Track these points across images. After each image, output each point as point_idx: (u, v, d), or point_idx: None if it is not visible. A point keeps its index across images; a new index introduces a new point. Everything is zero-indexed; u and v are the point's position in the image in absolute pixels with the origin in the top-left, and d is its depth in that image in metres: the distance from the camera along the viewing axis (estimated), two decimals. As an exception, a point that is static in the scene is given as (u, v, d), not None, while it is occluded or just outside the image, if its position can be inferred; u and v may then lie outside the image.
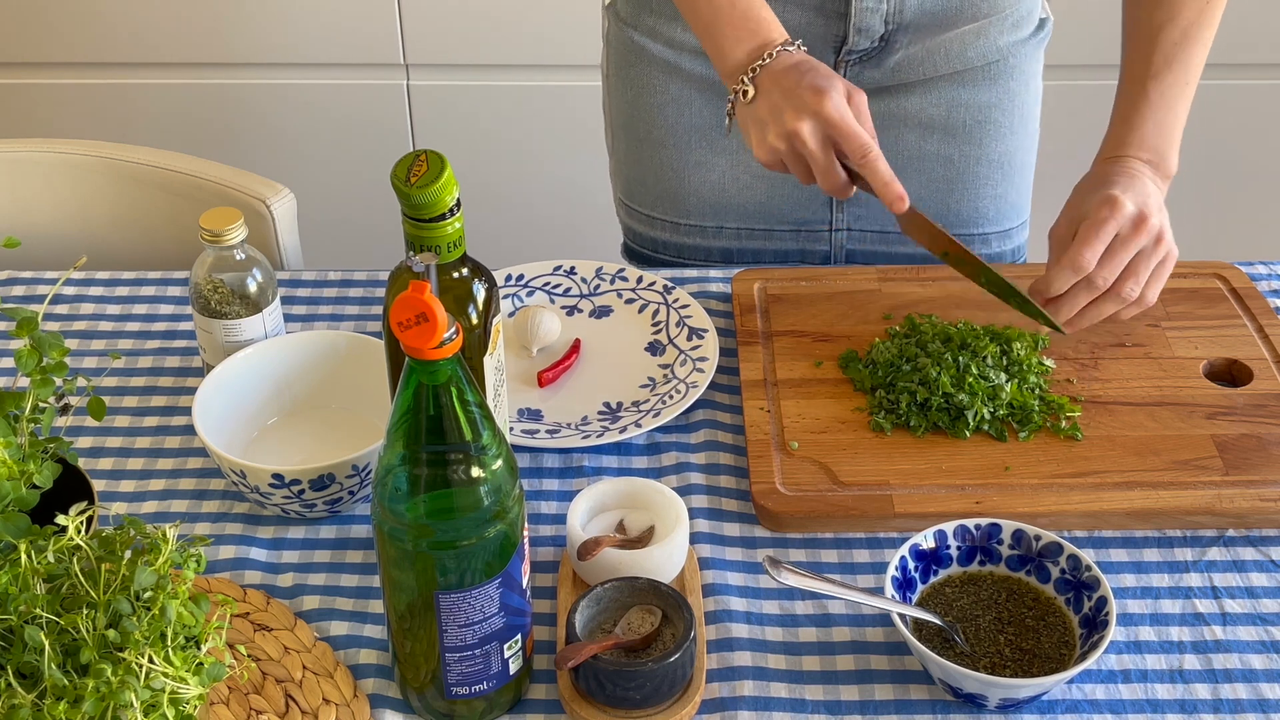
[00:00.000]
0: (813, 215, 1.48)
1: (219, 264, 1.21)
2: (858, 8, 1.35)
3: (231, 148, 2.29)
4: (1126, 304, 1.21)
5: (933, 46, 1.38)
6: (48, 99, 2.28)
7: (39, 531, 0.90)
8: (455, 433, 0.89)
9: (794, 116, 1.19)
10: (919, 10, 1.36)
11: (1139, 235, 1.19)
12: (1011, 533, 1.06)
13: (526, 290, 1.39)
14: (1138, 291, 1.20)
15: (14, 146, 1.56)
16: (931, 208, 1.45)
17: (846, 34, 1.37)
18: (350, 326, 1.36)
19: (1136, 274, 1.20)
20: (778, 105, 1.20)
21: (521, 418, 1.25)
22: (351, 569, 1.11)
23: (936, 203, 1.45)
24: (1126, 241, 1.19)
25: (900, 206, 1.19)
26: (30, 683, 0.84)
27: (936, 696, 1.00)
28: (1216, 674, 1.02)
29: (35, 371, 0.98)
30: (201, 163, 1.54)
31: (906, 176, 1.42)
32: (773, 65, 1.22)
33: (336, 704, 0.99)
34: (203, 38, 2.21)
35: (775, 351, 1.29)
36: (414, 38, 2.21)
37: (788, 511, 1.13)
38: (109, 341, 1.35)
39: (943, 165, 1.45)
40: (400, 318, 0.84)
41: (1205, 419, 1.21)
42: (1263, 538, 1.13)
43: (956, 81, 1.41)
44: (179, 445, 1.23)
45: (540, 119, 2.28)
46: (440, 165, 0.97)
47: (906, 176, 1.42)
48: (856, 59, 1.39)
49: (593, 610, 1.01)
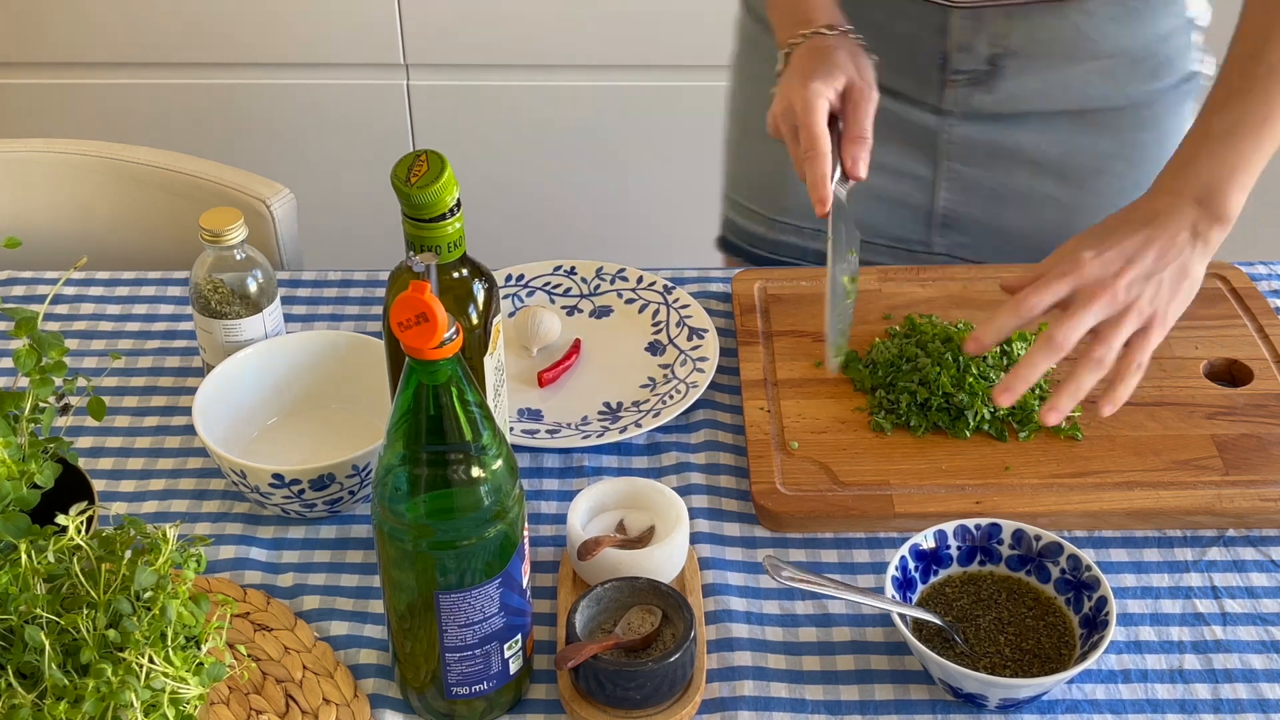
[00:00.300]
0: (911, 235, 1.46)
1: (219, 264, 1.21)
2: (956, 25, 1.32)
3: (231, 148, 2.29)
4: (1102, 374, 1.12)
5: (1051, 81, 1.34)
6: (48, 99, 2.28)
7: (39, 531, 0.90)
8: (455, 433, 0.89)
9: (781, 98, 1.21)
10: (1028, 38, 1.31)
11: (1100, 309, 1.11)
12: (1011, 533, 1.06)
13: (526, 290, 1.39)
14: (1110, 360, 1.12)
15: (14, 146, 1.56)
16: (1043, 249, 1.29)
17: (948, 51, 1.34)
18: (350, 326, 1.36)
19: (1105, 346, 1.12)
20: (784, 83, 1.22)
21: (521, 418, 1.25)
22: (351, 569, 1.11)
23: (1047, 245, 1.26)
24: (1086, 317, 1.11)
25: (818, 210, 1.17)
26: (30, 683, 0.84)
27: (936, 696, 1.00)
28: (1216, 674, 1.02)
29: (35, 371, 0.98)
30: (201, 163, 1.53)
31: (1016, 213, 1.40)
32: (803, 45, 1.24)
33: (336, 704, 0.99)
34: (203, 38, 2.21)
35: (775, 351, 1.29)
36: (414, 38, 2.21)
37: (788, 511, 1.13)
38: (109, 341, 1.35)
39: (1055, 208, 1.40)
40: (400, 318, 0.84)
41: (1205, 419, 1.21)
42: (1263, 538, 1.13)
43: (1077, 122, 1.36)
44: (179, 445, 1.23)
45: (540, 119, 2.28)
46: (440, 165, 0.97)
47: (1016, 213, 1.40)
48: (965, 80, 1.35)
49: (593, 610, 1.01)
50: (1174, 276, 1.14)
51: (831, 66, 1.21)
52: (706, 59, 2.19)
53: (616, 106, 2.25)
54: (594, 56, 2.21)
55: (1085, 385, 1.11)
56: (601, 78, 2.23)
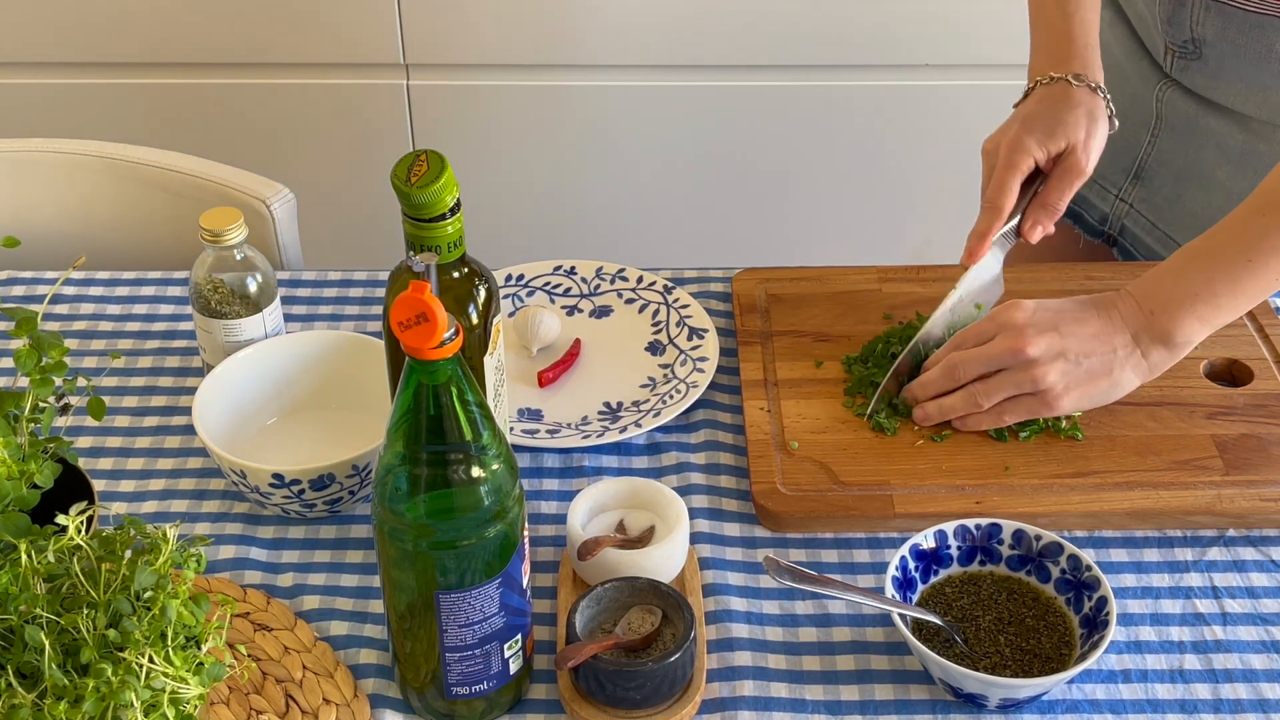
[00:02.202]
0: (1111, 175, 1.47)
1: (219, 264, 1.21)
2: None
3: (231, 148, 2.29)
4: (974, 411, 1.17)
5: (1244, 80, 1.32)
6: (48, 99, 2.28)
7: (39, 531, 0.90)
8: (455, 433, 0.89)
9: (994, 136, 1.27)
10: (1220, 33, 1.31)
11: (1005, 355, 1.14)
12: (1012, 533, 1.06)
13: (526, 290, 1.39)
14: (985, 403, 1.16)
15: (14, 146, 1.56)
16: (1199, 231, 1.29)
17: (1159, 20, 1.36)
18: (350, 326, 1.36)
19: (990, 386, 1.16)
20: (1011, 118, 1.28)
21: (521, 418, 1.25)
22: (351, 569, 1.11)
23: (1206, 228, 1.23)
24: (991, 352, 1.15)
25: (963, 259, 1.24)
26: (30, 683, 0.84)
27: (936, 696, 1.00)
28: (1217, 674, 1.02)
29: (35, 371, 0.97)
30: (201, 163, 1.53)
31: (1193, 191, 1.41)
32: (1049, 86, 1.28)
33: (336, 704, 0.99)
34: (203, 38, 2.21)
35: (775, 351, 1.29)
36: (414, 38, 2.20)
37: (788, 511, 1.13)
38: (109, 341, 1.35)
39: (1224, 197, 1.38)
40: (400, 318, 0.84)
41: (1205, 419, 1.21)
42: (1263, 538, 1.13)
43: (1264, 129, 1.34)
44: (179, 445, 1.23)
45: (540, 119, 2.27)
46: (440, 165, 0.97)
47: (1193, 191, 1.41)
48: (1180, 52, 1.35)
49: (593, 610, 1.01)
50: (1092, 370, 1.15)
51: (1058, 126, 1.24)
52: (707, 59, 2.20)
53: (616, 106, 2.24)
54: (593, 56, 2.21)
55: (954, 412, 1.18)
56: (601, 78, 2.23)
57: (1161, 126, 1.42)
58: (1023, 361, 1.14)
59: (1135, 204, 1.47)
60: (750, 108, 2.24)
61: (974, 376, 1.17)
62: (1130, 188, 1.46)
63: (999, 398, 1.16)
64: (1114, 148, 1.40)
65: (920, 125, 2.24)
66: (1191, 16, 1.32)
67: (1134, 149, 1.45)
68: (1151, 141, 1.43)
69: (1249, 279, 1.11)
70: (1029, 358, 1.14)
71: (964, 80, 2.20)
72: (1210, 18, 1.31)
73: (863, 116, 2.24)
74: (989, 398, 1.16)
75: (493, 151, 2.31)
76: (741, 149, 2.28)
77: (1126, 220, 1.48)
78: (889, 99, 2.23)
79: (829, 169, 2.29)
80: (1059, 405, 1.16)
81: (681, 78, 2.23)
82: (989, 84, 2.18)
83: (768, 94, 2.23)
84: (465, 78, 2.25)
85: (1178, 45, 1.35)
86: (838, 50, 2.18)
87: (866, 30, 2.16)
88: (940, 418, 1.19)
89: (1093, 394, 1.16)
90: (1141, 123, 1.44)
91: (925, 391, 1.19)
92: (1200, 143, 1.40)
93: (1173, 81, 1.40)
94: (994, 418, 1.18)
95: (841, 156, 2.28)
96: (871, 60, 2.19)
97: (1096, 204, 1.50)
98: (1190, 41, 1.34)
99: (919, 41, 2.17)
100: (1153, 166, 1.44)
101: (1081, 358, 1.14)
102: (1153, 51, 1.41)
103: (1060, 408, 1.16)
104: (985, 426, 1.18)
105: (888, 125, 2.25)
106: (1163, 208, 1.45)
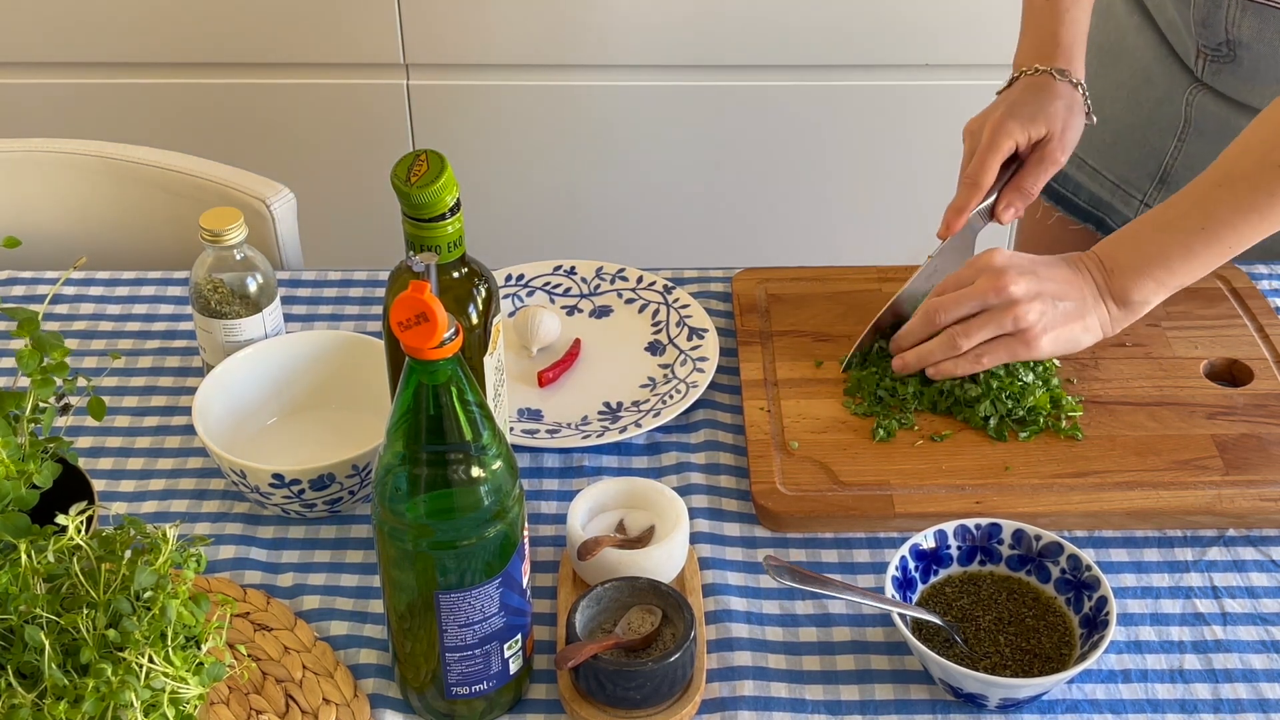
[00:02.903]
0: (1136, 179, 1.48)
1: (219, 264, 1.21)
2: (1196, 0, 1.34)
3: (231, 148, 2.29)
4: (953, 354, 1.19)
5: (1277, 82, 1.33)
6: (48, 99, 2.28)
7: (39, 531, 0.90)
8: (455, 433, 0.89)
9: (978, 118, 1.30)
10: (1257, 35, 1.31)
11: (988, 294, 1.17)
12: (1012, 533, 1.06)
13: (526, 290, 1.39)
14: (965, 344, 1.18)
15: (14, 146, 1.56)
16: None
17: (1192, 24, 1.36)
18: (350, 326, 1.36)
19: (970, 327, 1.18)
20: (995, 103, 1.31)
21: (521, 418, 1.25)
22: (351, 569, 1.11)
23: None
24: (973, 292, 1.17)
25: (939, 231, 1.26)
26: (30, 683, 0.84)
27: (936, 696, 1.00)
28: (1217, 674, 1.02)
29: (35, 371, 0.97)
30: (201, 163, 1.53)
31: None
32: (1033, 78, 1.31)
33: (336, 704, 0.99)
34: (203, 38, 2.21)
35: (775, 351, 1.29)
36: (414, 38, 2.20)
37: (788, 511, 1.13)
38: (109, 341, 1.35)
39: None
40: (400, 318, 0.84)
41: (1205, 419, 1.21)
42: (1263, 538, 1.13)
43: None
44: (179, 445, 1.23)
45: (541, 119, 2.28)
46: (440, 165, 0.97)
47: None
48: (1212, 56, 1.36)
49: (593, 610, 1.01)
50: (1068, 313, 1.18)
51: (1040, 113, 1.26)
52: (708, 59, 2.20)
53: (617, 106, 2.24)
54: (594, 56, 2.21)
55: (932, 358, 1.20)
56: (602, 78, 2.23)
57: (1190, 130, 1.43)
58: (1005, 300, 1.17)
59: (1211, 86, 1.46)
60: (750, 108, 2.24)
61: (954, 319, 1.19)
62: (1156, 192, 1.47)
63: (979, 338, 1.18)
64: (1138, 153, 1.42)
65: (920, 125, 2.24)
66: (1227, 18, 1.32)
67: (1159, 154, 1.46)
68: (1179, 146, 1.44)
69: (1202, 247, 1.16)
70: (1011, 296, 1.16)
71: (964, 80, 2.20)
72: (1247, 19, 1.31)
73: (863, 116, 2.24)
74: (969, 338, 1.18)
75: (493, 151, 2.31)
76: (741, 149, 2.28)
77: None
78: (889, 99, 2.23)
79: (829, 169, 2.29)
80: (1037, 346, 1.18)
81: (682, 78, 2.23)
82: (989, 84, 2.17)
83: (768, 94, 2.23)
84: (465, 78, 2.25)
85: (1211, 48, 1.35)
86: (837, 50, 2.18)
87: (866, 30, 2.16)
88: (919, 364, 1.21)
89: (1067, 337, 1.18)
90: (1167, 127, 1.44)
91: (906, 341, 1.22)
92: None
93: (1204, 85, 1.40)
94: (972, 361, 1.19)
95: (841, 156, 2.28)
96: (871, 60, 2.19)
97: (1120, 209, 1.51)
98: (1225, 44, 1.34)
99: (919, 41, 2.18)
100: (1179, 170, 1.45)
101: (1057, 300, 1.18)
102: (1183, 56, 1.41)
103: (1038, 348, 1.18)
104: (962, 372, 1.19)
105: (888, 125, 2.25)
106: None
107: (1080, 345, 1.20)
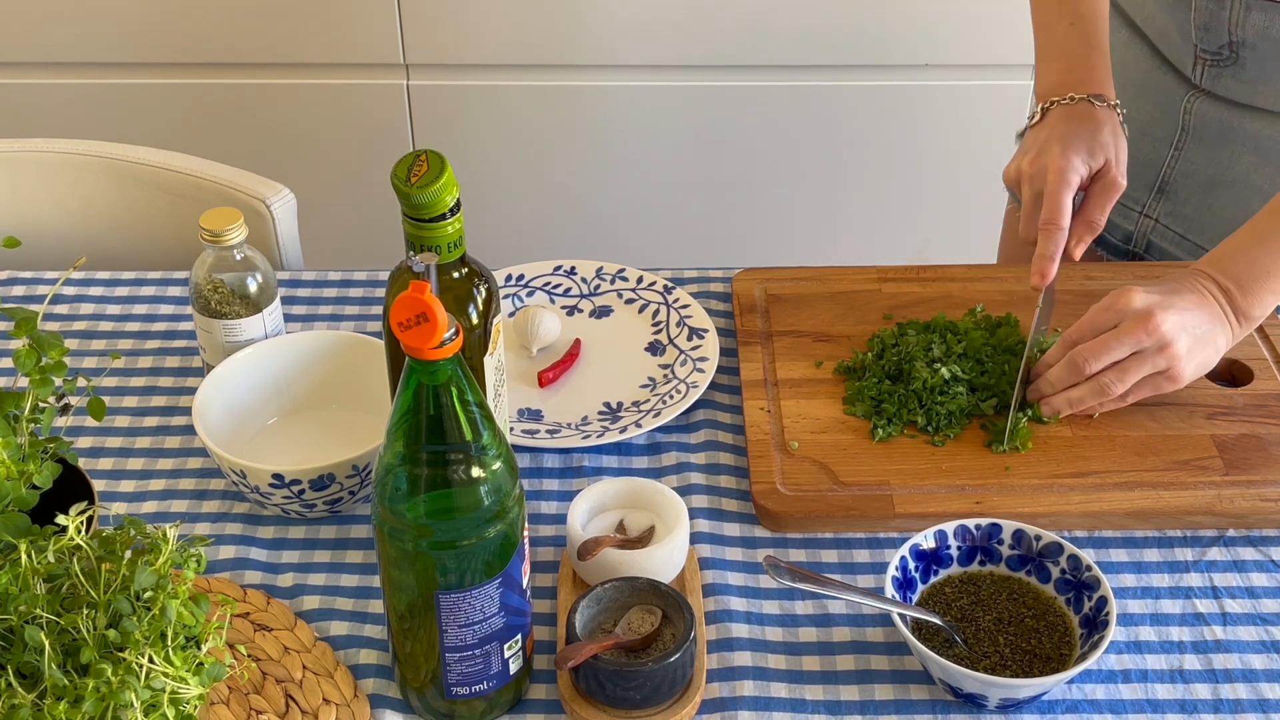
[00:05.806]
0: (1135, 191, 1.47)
1: (219, 264, 1.21)
2: (1200, 3, 1.33)
3: (231, 148, 2.29)
4: (1104, 398, 1.18)
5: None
6: (48, 99, 2.28)
7: (39, 531, 0.90)
8: (455, 433, 0.89)
9: (1036, 159, 1.26)
10: (1262, 34, 1.31)
11: (1140, 337, 1.15)
12: (1011, 533, 1.06)
13: (526, 290, 1.39)
14: (1118, 388, 1.17)
15: (14, 146, 1.56)
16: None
17: (1193, 28, 1.35)
18: (350, 326, 1.36)
19: (1124, 371, 1.17)
20: (1043, 141, 1.27)
21: (521, 418, 1.25)
22: (351, 569, 1.11)
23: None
24: (1122, 336, 1.16)
25: (1035, 281, 1.23)
26: (30, 683, 0.84)
27: (936, 696, 1.00)
28: (1216, 674, 1.02)
29: (35, 371, 0.97)
30: (201, 163, 1.53)
31: (1226, 198, 1.41)
32: (1069, 107, 1.29)
33: (336, 704, 0.99)
34: (203, 38, 2.21)
35: (775, 351, 1.29)
36: (414, 38, 2.20)
37: (788, 511, 1.13)
38: (109, 341, 1.35)
39: (1261, 200, 1.37)
40: (400, 318, 0.84)
41: (1205, 419, 1.21)
42: (1263, 538, 1.13)
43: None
44: (179, 445, 1.23)
45: (540, 119, 2.28)
46: (440, 165, 0.97)
47: (1226, 198, 1.41)
48: (1212, 61, 1.36)
49: (593, 610, 1.01)
50: (1204, 338, 1.17)
51: (1095, 144, 1.25)
52: (708, 59, 2.20)
53: (617, 106, 2.24)
54: (594, 56, 2.21)
55: (1083, 404, 1.19)
56: (602, 78, 2.23)
57: (1188, 138, 1.42)
58: (1158, 342, 1.15)
59: (1161, 218, 1.47)
60: (750, 108, 2.24)
61: (1104, 365, 1.17)
62: (1154, 203, 1.47)
63: (1134, 380, 1.17)
64: (1133, 165, 1.42)
65: (920, 125, 2.24)
66: (1231, 19, 1.32)
67: (1155, 164, 1.46)
68: (1175, 155, 1.44)
69: None
70: (1165, 338, 1.15)
71: (964, 80, 2.20)
72: (1252, 18, 1.31)
73: (863, 116, 2.24)
74: (1123, 382, 1.17)
75: (493, 151, 2.31)
76: (742, 149, 2.28)
77: (1153, 235, 1.48)
78: (889, 99, 2.23)
79: (829, 169, 2.29)
80: (1183, 377, 1.17)
81: (682, 78, 2.23)
82: (988, 84, 2.18)
83: (768, 94, 2.23)
84: (465, 78, 2.25)
85: (1211, 52, 1.35)
86: (838, 50, 2.18)
87: (866, 30, 2.16)
88: (1069, 410, 1.20)
89: (1202, 361, 1.18)
90: (1163, 138, 1.44)
91: (1053, 388, 1.20)
92: (1234, 149, 1.40)
93: (1202, 92, 1.40)
94: (1119, 400, 1.19)
95: (841, 156, 2.28)
96: (871, 60, 2.19)
97: (1120, 223, 1.50)
98: (1227, 45, 1.33)
99: (919, 41, 2.18)
100: (1178, 179, 1.45)
101: (1195, 327, 1.17)
102: (1178, 65, 1.41)
103: (1183, 380, 1.18)
104: (1106, 408, 1.20)
105: (888, 125, 2.25)
106: (1192, 218, 1.45)
107: (1210, 367, 1.19)
